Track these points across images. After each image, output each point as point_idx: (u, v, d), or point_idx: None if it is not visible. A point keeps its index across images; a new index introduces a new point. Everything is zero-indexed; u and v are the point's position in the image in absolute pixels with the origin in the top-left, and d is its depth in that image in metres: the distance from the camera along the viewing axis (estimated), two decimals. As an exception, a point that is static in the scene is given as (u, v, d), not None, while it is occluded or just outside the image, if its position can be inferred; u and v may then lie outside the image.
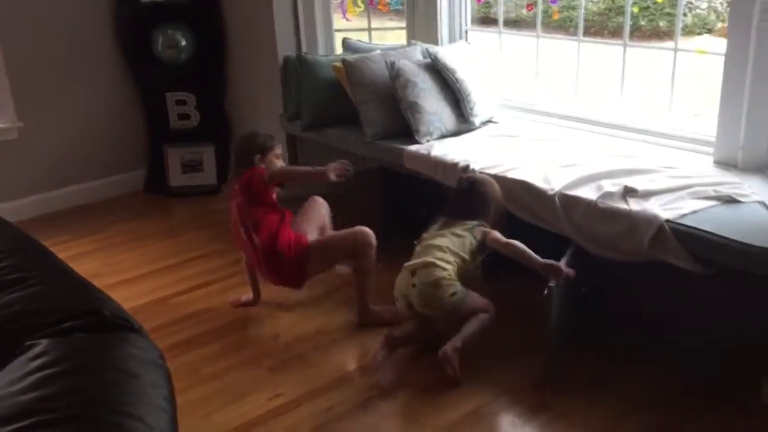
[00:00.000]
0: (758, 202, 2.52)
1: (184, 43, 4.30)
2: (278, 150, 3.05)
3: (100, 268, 3.56)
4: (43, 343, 1.25)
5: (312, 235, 2.99)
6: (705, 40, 6.73)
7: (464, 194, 2.82)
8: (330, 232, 3.07)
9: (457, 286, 2.61)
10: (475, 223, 2.73)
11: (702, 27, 7.13)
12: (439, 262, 2.63)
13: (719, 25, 6.91)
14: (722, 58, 2.79)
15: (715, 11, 7.10)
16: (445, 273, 2.60)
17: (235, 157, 3.06)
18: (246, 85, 4.33)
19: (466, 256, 2.68)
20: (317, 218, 3.08)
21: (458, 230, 2.73)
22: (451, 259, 2.65)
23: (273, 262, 2.92)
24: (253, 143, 3.01)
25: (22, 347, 1.26)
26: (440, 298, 2.60)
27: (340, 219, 3.13)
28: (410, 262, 2.70)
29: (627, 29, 3.27)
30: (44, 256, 1.69)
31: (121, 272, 3.53)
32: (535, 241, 2.61)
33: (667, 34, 6.37)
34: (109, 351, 1.24)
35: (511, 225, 2.83)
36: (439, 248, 2.68)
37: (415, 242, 2.84)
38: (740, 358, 2.51)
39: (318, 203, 3.14)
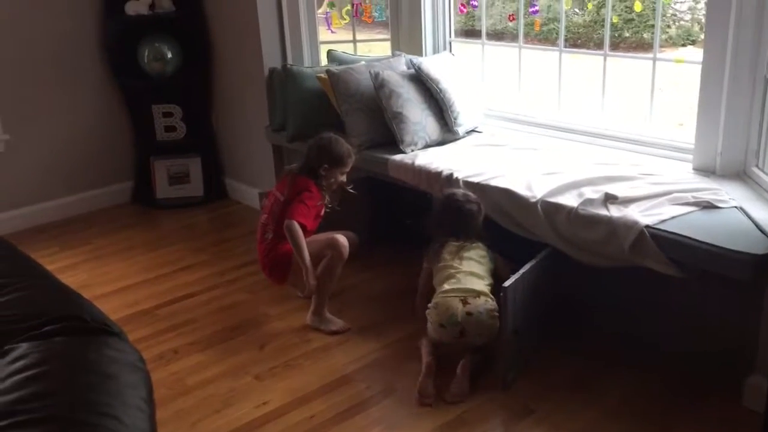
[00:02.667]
0: (736, 207, 2.55)
1: (170, 55, 4.32)
2: (347, 168, 3.04)
3: (88, 279, 3.57)
4: (22, 347, 1.26)
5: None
6: (688, 51, 6.81)
7: (458, 214, 2.81)
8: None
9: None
10: (486, 246, 2.79)
11: (686, 38, 7.21)
12: (488, 291, 2.66)
13: (702, 36, 6.98)
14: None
15: (699, 23, 7.18)
16: (494, 303, 2.61)
17: (307, 153, 3.07)
18: (232, 96, 4.35)
19: (491, 281, 2.72)
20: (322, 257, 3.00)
21: (478, 256, 2.76)
22: (489, 287, 2.69)
23: (270, 255, 3.03)
24: (330, 152, 3.01)
25: (2, 351, 1.28)
26: (495, 327, 2.59)
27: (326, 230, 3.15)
28: (452, 288, 2.65)
29: (607, 39, 3.32)
30: (26, 263, 1.71)
31: (109, 283, 3.54)
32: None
33: (651, 46, 6.44)
34: (87, 353, 1.26)
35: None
36: (479, 276, 2.69)
37: (425, 264, 2.86)
38: (720, 361, 2.54)
39: (339, 248, 2.98)
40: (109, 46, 4.36)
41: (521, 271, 2.59)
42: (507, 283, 2.51)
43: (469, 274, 2.69)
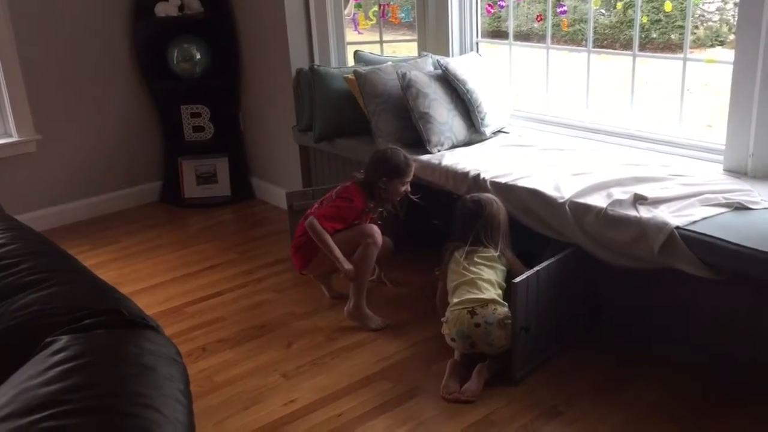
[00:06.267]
0: (768, 208, 2.53)
1: (198, 56, 4.37)
2: (407, 178, 3.06)
3: (117, 277, 3.61)
4: (63, 339, 1.28)
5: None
6: (717, 52, 6.74)
7: (473, 217, 2.78)
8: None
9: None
10: (498, 250, 2.75)
11: (714, 39, 7.14)
12: (498, 299, 2.63)
13: (731, 37, 6.91)
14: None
15: (727, 23, 7.10)
16: (506, 310, 2.59)
17: (366, 167, 3.12)
18: (260, 97, 4.39)
19: (504, 286, 2.70)
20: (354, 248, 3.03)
21: (489, 260, 2.73)
22: (500, 292, 2.66)
23: (305, 237, 3.07)
24: (388, 164, 3.05)
25: (44, 343, 1.30)
26: (506, 337, 2.57)
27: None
28: (460, 300, 2.64)
29: (636, 39, 3.30)
30: (63, 258, 1.74)
31: (138, 281, 3.58)
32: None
33: (678, 47, 6.40)
34: (126, 346, 1.28)
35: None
36: (489, 282, 2.66)
37: (436, 271, 2.85)
38: (753, 365, 2.51)
39: (373, 234, 3.04)
40: (138, 47, 4.41)
41: (535, 269, 2.60)
42: (517, 280, 2.52)
43: (478, 281, 2.66)
